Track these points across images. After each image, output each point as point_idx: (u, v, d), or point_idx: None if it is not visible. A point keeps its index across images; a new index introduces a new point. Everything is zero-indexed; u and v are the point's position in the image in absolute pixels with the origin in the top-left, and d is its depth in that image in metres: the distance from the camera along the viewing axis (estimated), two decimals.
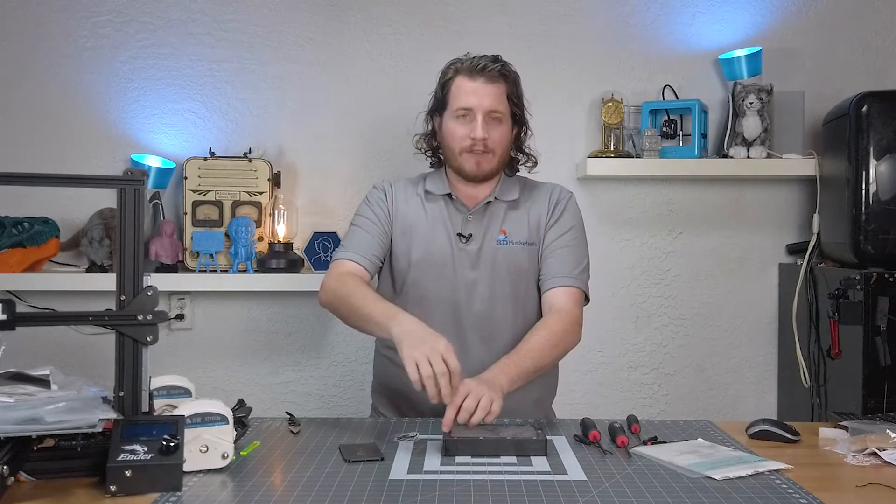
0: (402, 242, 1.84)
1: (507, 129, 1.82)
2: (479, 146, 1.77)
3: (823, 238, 2.39)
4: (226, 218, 2.41)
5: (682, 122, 2.48)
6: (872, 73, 2.53)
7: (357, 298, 1.67)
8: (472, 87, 1.77)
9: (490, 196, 1.84)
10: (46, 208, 2.42)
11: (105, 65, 2.51)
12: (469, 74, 1.78)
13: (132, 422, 1.26)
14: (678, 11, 2.56)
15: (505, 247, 1.82)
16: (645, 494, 1.20)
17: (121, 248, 1.30)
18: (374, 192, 1.89)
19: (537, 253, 1.84)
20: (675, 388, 2.60)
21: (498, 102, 1.78)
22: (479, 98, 1.77)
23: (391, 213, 1.86)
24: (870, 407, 2.01)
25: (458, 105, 1.78)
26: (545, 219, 1.85)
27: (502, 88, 1.79)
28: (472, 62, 1.79)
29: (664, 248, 2.59)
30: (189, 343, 2.54)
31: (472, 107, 1.77)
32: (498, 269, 1.81)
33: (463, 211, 1.84)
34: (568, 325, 1.76)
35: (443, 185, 1.86)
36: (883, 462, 1.37)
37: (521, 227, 1.84)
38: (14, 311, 1.23)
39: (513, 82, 1.81)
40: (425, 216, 1.85)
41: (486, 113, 1.77)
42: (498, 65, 1.79)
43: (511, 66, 1.83)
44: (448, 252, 1.81)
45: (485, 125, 1.76)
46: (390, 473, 1.30)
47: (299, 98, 2.54)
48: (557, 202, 1.87)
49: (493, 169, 1.82)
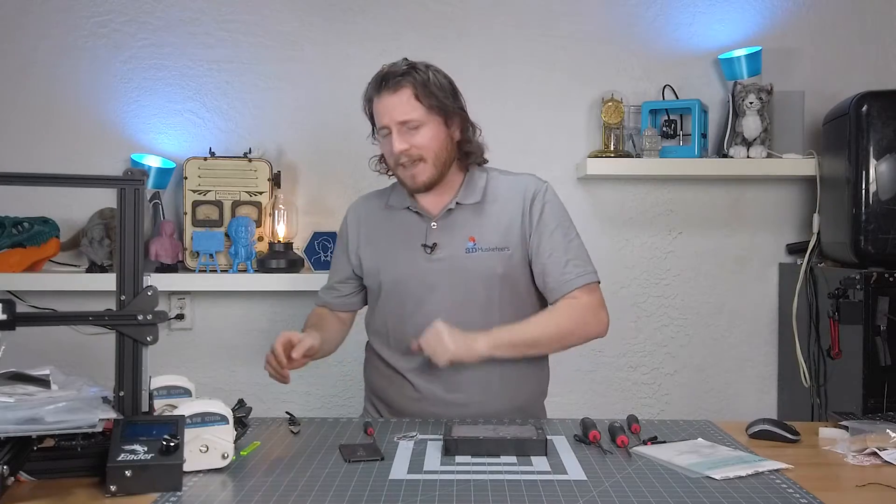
0: (372, 263, 1.84)
1: (432, 130, 1.71)
2: (404, 158, 1.72)
3: (823, 238, 2.39)
4: (226, 218, 2.41)
5: (682, 121, 2.48)
6: (872, 73, 2.53)
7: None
8: (380, 105, 1.72)
9: (451, 203, 1.78)
10: (46, 208, 2.42)
11: (105, 64, 2.52)
12: (376, 93, 1.73)
13: (132, 422, 1.26)
14: (678, 11, 2.56)
15: (474, 254, 1.75)
16: (645, 494, 1.20)
17: (121, 248, 1.30)
18: (342, 224, 1.93)
19: (515, 257, 1.76)
20: (675, 388, 2.60)
21: (407, 109, 1.69)
22: (388, 113, 1.71)
23: (355, 248, 1.87)
24: (870, 407, 2.01)
25: (378, 126, 1.76)
26: (522, 221, 1.77)
27: (409, 92, 1.69)
28: (376, 77, 1.74)
29: (664, 248, 2.59)
30: (189, 343, 2.54)
31: (385, 124, 1.72)
32: (468, 278, 1.74)
33: (427, 219, 1.79)
34: (579, 309, 1.74)
35: (403, 199, 1.83)
36: (883, 462, 1.37)
37: (491, 232, 1.76)
38: (14, 311, 1.23)
39: (422, 82, 1.69)
40: (390, 230, 1.83)
41: (398, 125, 1.70)
42: (397, 68, 1.71)
43: (420, 64, 1.72)
44: (414, 265, 1.77)
45: (401, 137, 1.70)
46: (390, 473, 1.30)
47: (299, 98, 2.54)
48: (533, 201, 1.77)
49: (432, 176, 1.74)
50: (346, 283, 1.92)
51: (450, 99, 1.74)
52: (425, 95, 1.70)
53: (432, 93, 1.70)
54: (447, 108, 1.73)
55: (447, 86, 1.74)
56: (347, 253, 1.89)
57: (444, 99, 1.72)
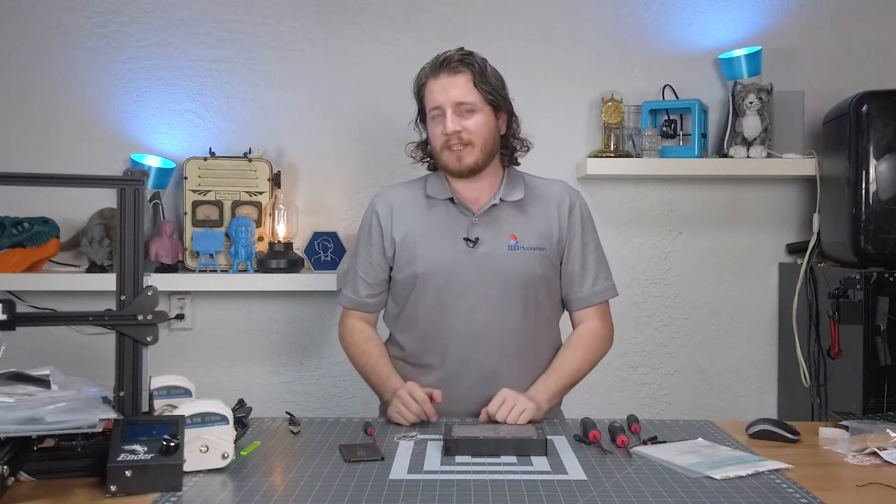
0: (406, 254, 1.80)
1: (483, 118, 1.76)
2: (454, 140, 1.74)
3: (823, 238, 2.39)
4: (226, 218, 2.40)
5: (682, 121, 2.48)
6: (872, 73, 2.52)
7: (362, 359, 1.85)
8: (437, 84, 1.76)
9: (495, 198, 1.80)
10: (46, 208, 2.42)
11: (105, 65, 2.51)
12: (433, 74, 1.77)
13: (132, 422, 1.26)
14: (678, 11, 2.56)
15: (517, 252, 1.77)
16: (645, 494, 1.20)
17: (121, 248, 1.30)
18: (367, 215, 1.88)
19: (551, 260, 1.81)
20: (675, 388, 2.60)
21: (465, 93, 1.74)
22: (444, 93, 1.74)
23: (389, 235, 1.83)
24: (870, 407, 2.01)
25: (430, 106, 1.78)
26: (560, 225, 1.82)
27: (467, 77, 1.74)
28: (434, 61, 1.78)
29: (664, 247, 2.59)
30: (189, 343, 2.54)
31: (440, 104, 1.75)
32: (510, 276, 1.76)
33: (468, 214, 1.80)
34: (600, 341, 1.86)
35: (444, 190, 1.82)
36: (883, 462, 1.37)
37: (532, 232, 1.79)
38: (14, 311, 1.23)
39: (479, 70, 1.75)
40: (428, 221, 1.81)
41: (455, 106, 1.73)
42: (458, 54, 1.76)
43: (476, 54, 1.78)
44: (455, 258, 1.77)
45: (455, 118, 1.74)
46: (390, 473, 1.30)
47: (299, 98, 2.54)
48: (571, 208, 1.83)
49: (477, 161, 1.76)
50: (381, 278, 1.86)
51: (502, 93, 1.79)
52: (482, 83, 1.75)
53: (489, 82, 1.76)
54: (498, 101, 1.78)
55: (500, 80, 1.80)
56: (382, 242, 1.83)
57: (497, 91, 1.78)
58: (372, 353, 1.83)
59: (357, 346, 1.86)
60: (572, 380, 1.81)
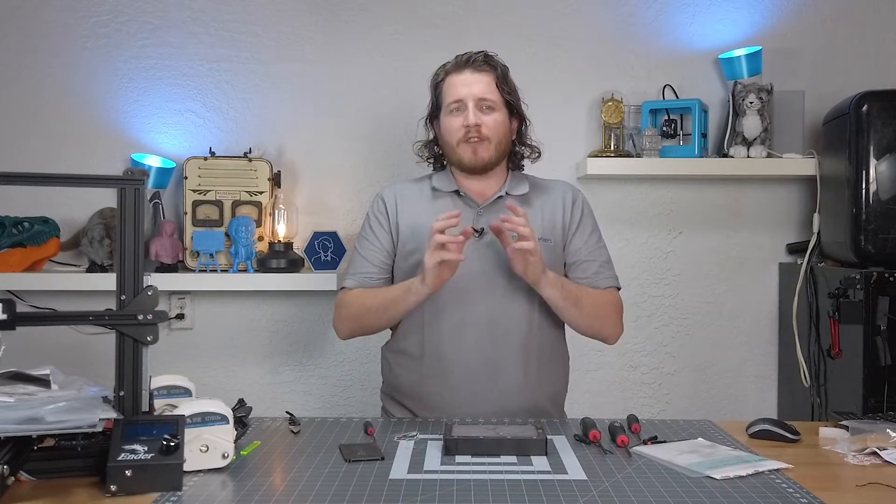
0: (412, 244, 1.82)
1: (501, 117, 1.82)
2: (473, 133, 1.78)
3: (823, 237, 2.39)
4: (226, 218, 2.40)
5: (683, 121, 2.48)
6: (872, 73, 2.52)
7: (371, 301, 1.79)
8: (460, 79, 1.81)
9: (500, 191, 1.84)
10: (46, 208, 2.42)
11: (105, 64, 2.51)
12: (456, 69, 1.82)
13: (132, 421, 1.26)
14: (678, 11, 2.56)
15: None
16: (645, 494, 1.20)
17: (121, 247, 1.30)
18: (375, 204, 1.90)
19: (555, 251, 1.84)
20: (675, 388, 2.60)
21: (488, 90, 1.79)
22: (468, 87, 1.79)
23: (395, 220, 1.85)
24: (870, 406, 2.01)
25: (450, 100, 1.81)
26: (563, 219, 1.86)
27: (491, 77, 1.80)
28: (458, 58, 1.83)
29: (664, 247, 2.59)
30: (189, 343, 2.54)
31: (463, 97, 1.79)
32: None
33: (474, 206, 1.84)
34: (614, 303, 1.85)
35: (450, 183, 1.86)
36: (883, 462, 1.37)
37: (537, 223, 1.81)
38: (14, 311, 1.23)
39: (502, 73, 1.82)
40: (433, 212, 1.81)
41: (477, 101, 1.79)
42: (482, 54, 1.82)
43: (498, 56, 1.84)
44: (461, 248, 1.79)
45: (477, 112, 1.78)
46: (390, 473, 1.30)
47: (299, 98, 2.54)
48: (574, 203, 1.87)
49: (492, 157, 1.81)
50: (385, 262, 1.85)
51: (517, 98, 1.87)
52: (503, 85, 1.82)
53: (509, 85, 1.84)
54: (514, 105, 1.85)
55: (516, 87, 1.88)
56: (389, 226, 1.86)
57: (515, 95, 1.86)
58: (374, 291, 1.81)
59: (356, 299, 1.82)
60: (575, 294, 1.77)
